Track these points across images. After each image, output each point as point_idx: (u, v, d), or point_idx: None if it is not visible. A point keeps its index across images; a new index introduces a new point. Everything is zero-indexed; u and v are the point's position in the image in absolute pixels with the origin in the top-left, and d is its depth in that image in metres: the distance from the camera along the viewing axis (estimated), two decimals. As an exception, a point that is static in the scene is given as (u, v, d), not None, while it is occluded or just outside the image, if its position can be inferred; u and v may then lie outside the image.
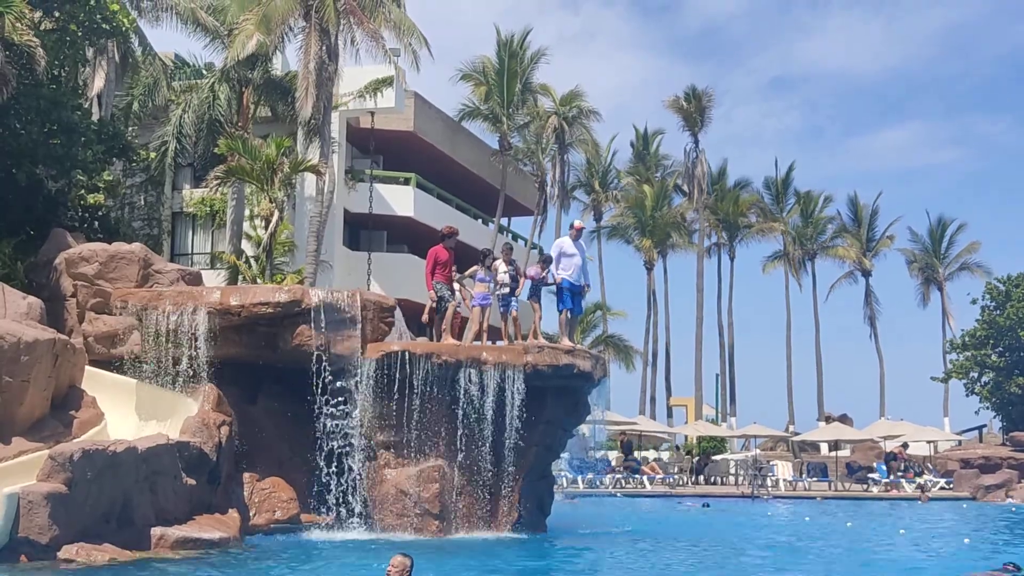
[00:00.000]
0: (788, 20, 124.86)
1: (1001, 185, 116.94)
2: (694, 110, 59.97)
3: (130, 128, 32.86)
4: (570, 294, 19.48)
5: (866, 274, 66.39)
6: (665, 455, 52.51)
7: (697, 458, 48.27)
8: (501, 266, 19.40)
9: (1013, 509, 33.59)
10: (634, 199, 62.77)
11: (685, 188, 63.56)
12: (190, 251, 37.96)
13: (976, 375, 49.86)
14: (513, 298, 19.49)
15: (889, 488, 41.07)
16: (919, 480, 41.45)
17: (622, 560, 16.19)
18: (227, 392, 17.13)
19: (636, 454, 48.72)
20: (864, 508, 33.33)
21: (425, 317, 19.31)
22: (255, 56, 32.10)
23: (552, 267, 19.49)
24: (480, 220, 45.45)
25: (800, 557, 16.85)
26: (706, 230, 63.04)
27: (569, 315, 19.69)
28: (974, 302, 50.69)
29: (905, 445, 45.57)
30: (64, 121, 22.64)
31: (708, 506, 32.58)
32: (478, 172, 44.54)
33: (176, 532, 14.27)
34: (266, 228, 28.59)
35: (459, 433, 17.81)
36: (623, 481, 41.50)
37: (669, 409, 63.51)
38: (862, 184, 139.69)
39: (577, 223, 20.54)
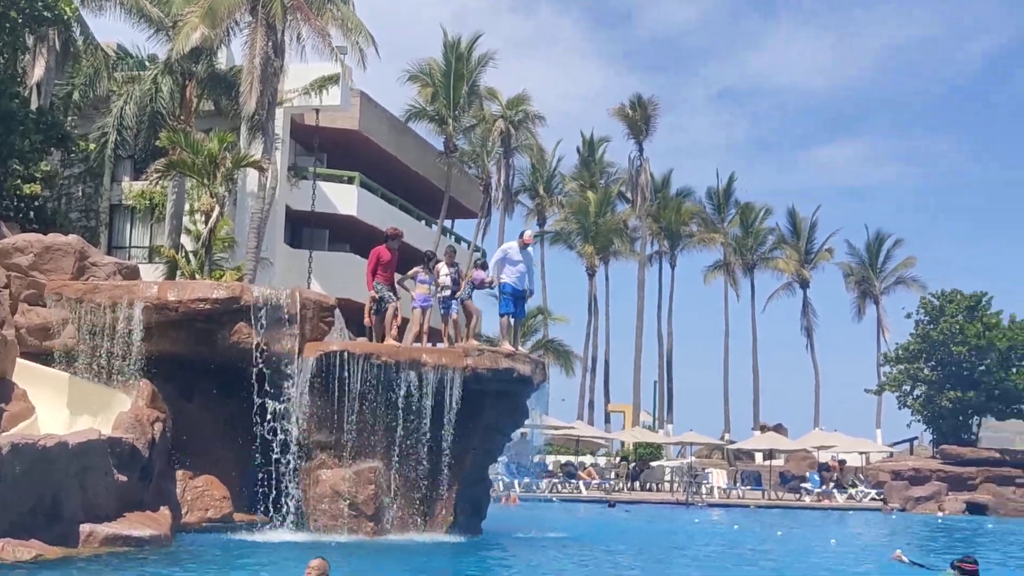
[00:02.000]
0: (740, 33, 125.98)
1: (940, 203, 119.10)
2: (639, 118, 60.37)
3: (70, 118, 32.38)
4: (512, 299, 19.52)
5: (804, 286, 67.21)
6: (602, 460, 52.77)
7: (633, 464, 48.57)
8: (443, 268, 19.42)
9: (939, 520, 34.21)
10: (578, 205, 63.04)
11: (629, 196, 63.97)
12: (128, 244, 37.43)
13: (909, 388, 50.69)
14: (454, 300, 19.51)
15: (821, 498, 41.63)
16: (851, 491, 42.10)
17: (553, 564, 16.21)
18: (162, 388, 16.91)
19: (574, 459, 48.98)
20: (796, 517, 33.72)
21: (367, 320, 19.22)
22: (199, 49, 31.73)
23: (492, 270, 19.56)
24: (424, 221, 45.34)
25: (732, 563, 16.98)
26: (648, 238, 63.47)
27: (511, 320, 19.71)
28: (908, 316, 51.62)
29: (843, 461, 46.23)
30: (1, 109, 22.26)
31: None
32: (423, 173, 44.41)
33: (105, 529, 14.06)
34: (206, 223, 28.30)
35: (397, 435, 17.73)
36: (559, 486, 41.66)
37: (607, 415, 63.87)
38: (808, 198, 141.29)
39: (528, 235, 20.20)
